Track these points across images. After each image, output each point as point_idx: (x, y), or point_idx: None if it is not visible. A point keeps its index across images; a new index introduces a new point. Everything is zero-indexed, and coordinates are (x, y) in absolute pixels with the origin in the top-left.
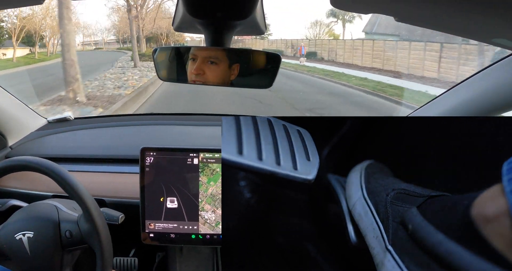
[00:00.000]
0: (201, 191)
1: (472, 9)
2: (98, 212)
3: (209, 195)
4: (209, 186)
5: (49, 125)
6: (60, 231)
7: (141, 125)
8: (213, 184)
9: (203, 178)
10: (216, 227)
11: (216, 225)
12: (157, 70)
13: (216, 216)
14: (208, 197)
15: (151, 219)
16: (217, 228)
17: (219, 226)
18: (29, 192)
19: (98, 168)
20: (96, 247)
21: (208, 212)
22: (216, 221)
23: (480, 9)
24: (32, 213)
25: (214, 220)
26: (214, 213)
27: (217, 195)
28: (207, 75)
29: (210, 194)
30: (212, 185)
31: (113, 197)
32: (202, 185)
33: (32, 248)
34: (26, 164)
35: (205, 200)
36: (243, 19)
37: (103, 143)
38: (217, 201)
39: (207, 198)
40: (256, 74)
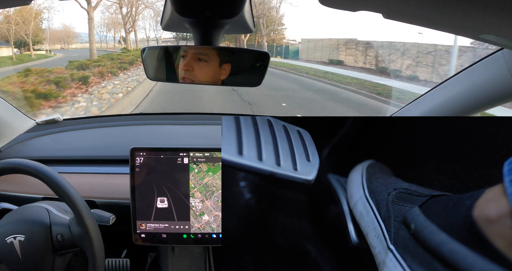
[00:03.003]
0: (192, 188)
1: (460, 5)
2: (89, 214)
3: (203, 185)
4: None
5: (38, 127)
6: (51, 234)
7: (130, 126)
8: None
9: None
10: (207, 226)
11: (207, 224)
12: (145, 69)
13: (214, 220)
14: (201, 186)
15: (142, 220)
16: (208, 227)
17: (212, 225)
18: (19, 194)
19: (88, 169)
20: (88, 250)
21: (206, 219)
22: (213, 221)
23: (467, 5)
24: (23, 216)
25: (214, 224)
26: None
27: (210, 189)
28: (196, 72)
29: (204, 184)
30: (200, 183)
31: (104, 198)
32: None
33: (24, 252)
34: (16, 167)
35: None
36: (232, 18)
37: (93, 143)
38: (208, 193)
39: (197, 190)
40: (245, 73)
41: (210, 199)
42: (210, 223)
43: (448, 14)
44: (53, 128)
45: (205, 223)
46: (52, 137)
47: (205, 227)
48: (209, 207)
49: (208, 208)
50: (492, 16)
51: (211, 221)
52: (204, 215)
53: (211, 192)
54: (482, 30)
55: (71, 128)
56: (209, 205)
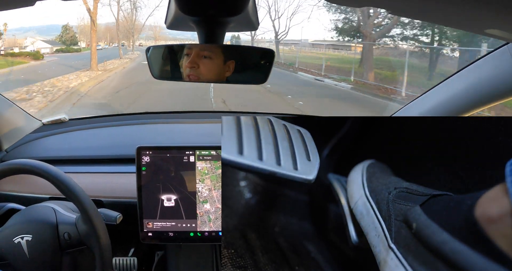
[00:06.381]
0: (199, 187)
1: (465, 0)
2: (96, 213)
3: (216, 175)
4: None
5: (44, 127)
6: (58, 233)
7: (136, 125)
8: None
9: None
10: (214, 224)
11: (214, 221)
12: (150, 68)
13: (215, 211)
14: (214, 175)
15: (149, 218)
16: (215, 225)
17: (210, 215)
18: (26, 195)
19: (94, 169)
20: (95, 248)
21: (207, 208)
22: (215, 217)
23: (472, 0)
24: (30, 216)
25: (213, 216)
26: (213, 208)
27: (220, 180)
28: (201, 69)
29: (218, 174)
30: (209, 183)
31: (111, 197)
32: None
33: (31, 251)
34: (22, 167)
35: None
36: (236, 16)
37: (99, 143)
38: (218, 184)
39: (208, 178)
40: (250, 70)
41: (218, 190)
42: (210, 213)
43: (453, 9)
44: (59, 128)
45: (205, 211)
46: (58, 137)
47: (203, 214)
48: (214, 197)
49: (212, 197)
50: (497, 11)
51: (211, 211)
52: (207, 203)
53: (220, 184)
54: (487, 25)
55: (77, 128)
56: (215, 195)
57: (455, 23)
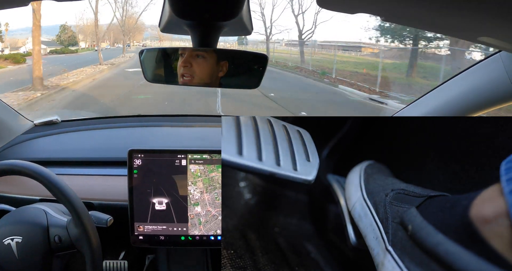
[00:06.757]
0: (190, 189)
1: (458, 8)
2: (87, 216)
3: (209, 177)
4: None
5: (36, 128)
6: (49, 236)
7: (128, 127)
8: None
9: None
10: (204, 227)
11: (204, 225)
12: (144, 72)
13: (206, 214)
14: (207, 178)
15: (140, 221)
16: (205, 229)
17: (208, 225)
18: (17, 196)
19: (86, 171)
20: (86, 251)
21: (198, 210)
22: (205, 220)
23: (465, 8)
24: (20, 218)
25: (203, 219)
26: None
27: (213, 184)
28: (195, 68)
29: (210, 177)
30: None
31: (102, 199)
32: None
33: (21, 253)
34: (13, 168)
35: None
36: (230, 20)
37: (91, 145)
38: (210, 187)
39: (201, 180)
40: (243, 75)
41: (210, 193)
42: (200, 216)
43: (446, 16)
44: (51, 129)
45: (196, 213)
46: (50, 138)
47: (194, 217)
48: (205, 200)
49: (204, 200)
50: (490, 19)
51: (202, 214)
52: (198, 206)
53: (212, 187)
54: (480, 33)
55: (69, 129)
56: (206, 198)
57: (449, 30)
